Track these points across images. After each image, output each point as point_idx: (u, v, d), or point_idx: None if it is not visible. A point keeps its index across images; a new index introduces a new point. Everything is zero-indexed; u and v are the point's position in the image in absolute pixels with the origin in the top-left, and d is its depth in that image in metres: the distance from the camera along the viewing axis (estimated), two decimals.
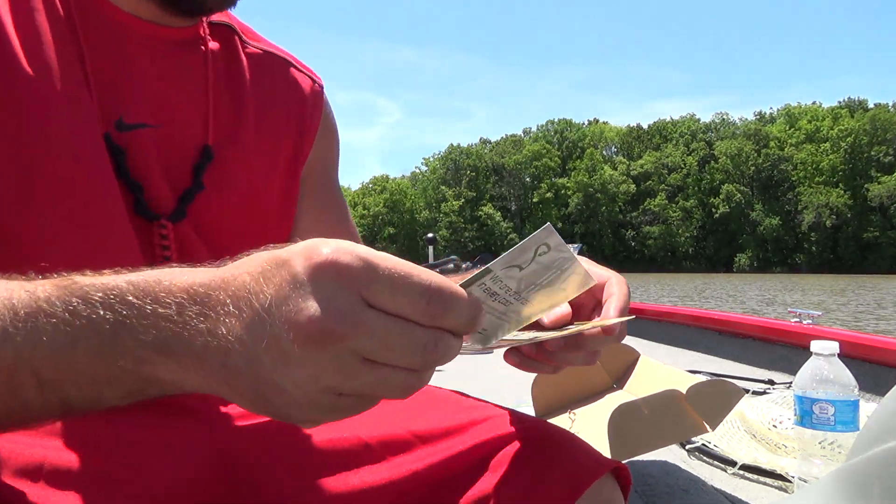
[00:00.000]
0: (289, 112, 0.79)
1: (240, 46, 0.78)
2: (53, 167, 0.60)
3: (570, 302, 0.59)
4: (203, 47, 0.73)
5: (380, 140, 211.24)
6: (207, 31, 0.75)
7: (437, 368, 0.42)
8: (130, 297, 0.41)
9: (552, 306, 0.53)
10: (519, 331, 0.54)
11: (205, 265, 0.43)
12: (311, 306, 0.37)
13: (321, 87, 0.85)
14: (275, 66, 0.80)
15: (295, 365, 0.38)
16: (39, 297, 0.41)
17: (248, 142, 0.74)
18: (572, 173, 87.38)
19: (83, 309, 0.40)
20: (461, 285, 0.42)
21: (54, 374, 0.41)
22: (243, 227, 0.73)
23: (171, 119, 0.68)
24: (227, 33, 0.77)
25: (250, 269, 0.40)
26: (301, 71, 0.83)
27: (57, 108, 0.60)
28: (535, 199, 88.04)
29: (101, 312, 0.40)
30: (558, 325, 0.60)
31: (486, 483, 0.60)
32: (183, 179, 0.69)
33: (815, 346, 1.21)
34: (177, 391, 0.43)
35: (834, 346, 1.19)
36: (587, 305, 0.64)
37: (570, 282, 0.48)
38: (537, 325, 0.61)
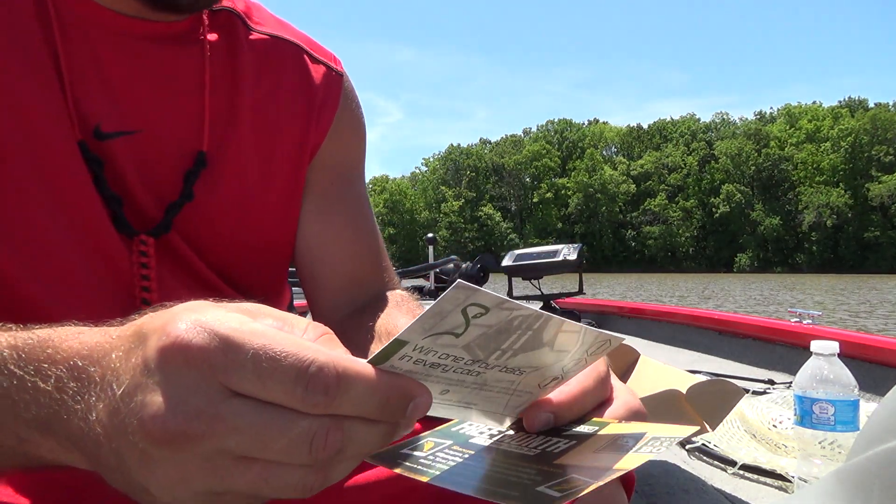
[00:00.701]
0: (294, 105, 0.72)
1: (243, 34, 0.70)
2: (19, 183, 0.55)
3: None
4: (199, 41, 0.66)
5: (380, 140, 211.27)
6: (207, 21, 0.68)
7: None
8: (12, 366, 0.36)
9: (567, 367, 0.41)
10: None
11: (108, 324, 0.37)
12: (156, 402, 0.31)
13: (339, 75, 0.77)
14: (283, 54, 0.73)
15: (156, 466, 0.32)
16: None
17: (245, 143, 0.68)
18: (572, 173, 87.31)
19: None
20: (371, 360, 0.34)
21: None
22: (239, 236, 0.68)
23: (157, 124, 0.63)
24: (229, 20, 0.70)
25: (126, 339, 0.35)
26: (315, 58, 0.75)
27: (25, 116, 0.56)
28: (535, 200, 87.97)
29: None
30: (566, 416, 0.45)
31: None
32: (171, 189, 0.64)
33: (815, 346, 1.20)
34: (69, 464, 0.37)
35: (834, 346, 1.19)
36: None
37: (566, 341, 0.38)
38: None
